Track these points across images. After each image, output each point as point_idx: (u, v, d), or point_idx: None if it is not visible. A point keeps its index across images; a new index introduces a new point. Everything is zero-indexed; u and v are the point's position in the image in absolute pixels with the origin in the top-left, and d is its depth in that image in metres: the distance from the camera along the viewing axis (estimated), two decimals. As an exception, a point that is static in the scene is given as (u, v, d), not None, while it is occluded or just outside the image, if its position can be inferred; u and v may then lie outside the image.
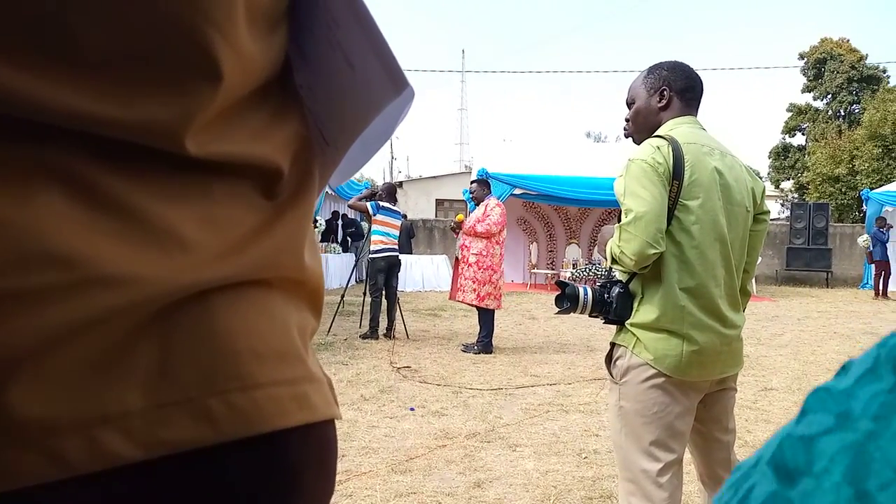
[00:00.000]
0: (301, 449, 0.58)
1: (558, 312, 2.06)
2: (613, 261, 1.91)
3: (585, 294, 1.98)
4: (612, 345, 1.98)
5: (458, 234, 7.00)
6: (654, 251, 1.81)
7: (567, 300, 2.01)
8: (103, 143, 0.48)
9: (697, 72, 2.07)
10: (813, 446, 0.19)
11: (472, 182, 7.34)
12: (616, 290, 1.94)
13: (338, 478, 3.14)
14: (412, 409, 4.60)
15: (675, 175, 1.85)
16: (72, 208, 0.47)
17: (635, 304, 1.91)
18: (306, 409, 0.58)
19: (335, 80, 0.62)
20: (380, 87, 0.63)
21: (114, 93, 0.48)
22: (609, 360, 1.99)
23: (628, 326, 1.92)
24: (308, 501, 0.59)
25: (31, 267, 0.45)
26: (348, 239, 15.58)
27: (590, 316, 1.99)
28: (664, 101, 2.02)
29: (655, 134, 1.96)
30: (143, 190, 0.51)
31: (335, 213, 15.53)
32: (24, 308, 0.45)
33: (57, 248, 0.46)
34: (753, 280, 2.11)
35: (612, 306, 1.94)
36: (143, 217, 0.50)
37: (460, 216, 7.07)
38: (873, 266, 14.60)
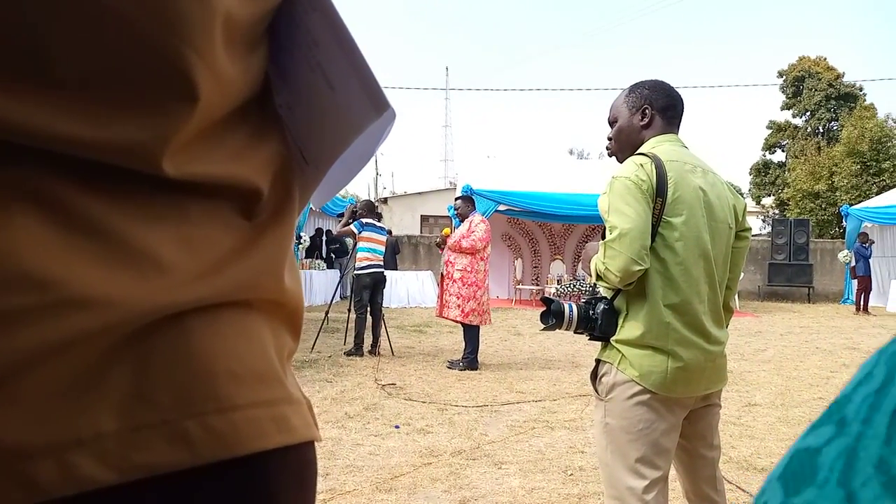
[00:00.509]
0: (280, 471, 0.57)
1: (544, 329, 2.06)
2: (598, 277, 1.92)
3: (571, 311, 1.99)
4: (598, 361, 1.98)
5: (443, 249, 7.00)
6: (638, 268, 1.82)
7: (553, 317, 2.01)
8: (79, 164, 0.48)
9: (678, 89, 2.10)
10: (817, 457, 0.20)
11: (456, 198, 7.36)
12: (601, 306, 1.95)
13: (322, 497, 3.10)
14: (397, 427, 4.57)
15: (659, 192, 1.86)
16: (46, 229, 0.47)
17: (620, 321, 1.92)
18: (285, 432, 0.57)
19: (315, 101, 0.62)
20: (360, 108, 0.63)
21: (90, 114, 0.47)
22: (594, 376, 1.99)
23: (613, 343, 1.92)
24: None
25: (4, 288, 0.45)
26: (332, 255, 15.53)
27: (575, 332, 2.00)
28: (646, 120, 2.04)
29: (638, 152, 1.97)
30: (119, 211, 0.50)
31: (319, 230, 15.47)
32: None
33: (31, 269, 0.45)
34: (736, 296, 2.12)
35: (598, 322, 1.94)
36: (120, 238, 0.50)
37: (447, 230, 7.08)
38: (856, 281, 14.76)
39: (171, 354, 0.51)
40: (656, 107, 2.04)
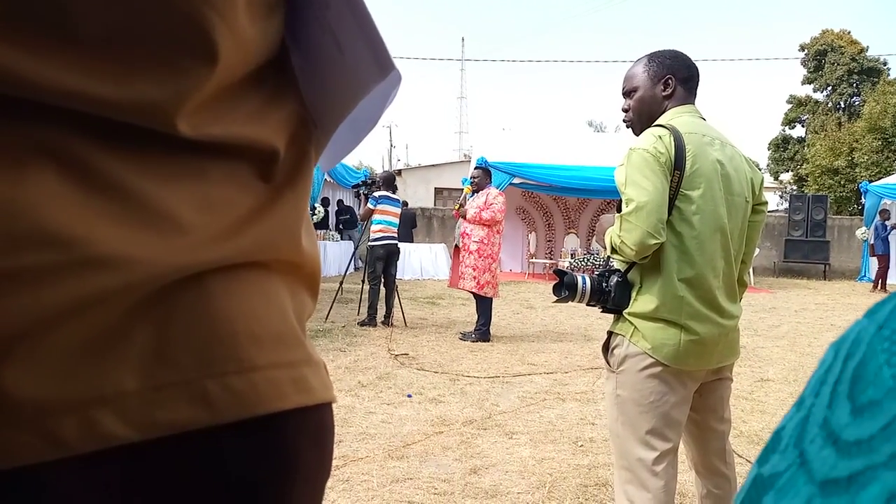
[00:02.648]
0: (298, 431, 0.58)
1: (556, 301, 2.06)
2: (613, 250, 1.91)
3: (584, 283, 1.99)
4: (610, 334, 1.99)
5: (458, 214, 6.98)
6: (654, 241, 1.81)
7: (565, 289, 2.01)
8: (97, 122, 0.48)
9: (697, 62, 2.07)
10: (782, 432, 0.24)
11: (475, 168, 7.34)
12: (614, 279, 1.95)
13: (335, 463, 3.16)
14: (409, 396, 4.62)
15: (677, 165, 1.84)
16: (66, 188, 0.47)
17: (634, 294, 1.92)
18: (304, 392, 0.58)
19: (324, 63, 0.62)
20: (366, 70, 0.63)
21: (106, 71, 0.47)
22: (606, 348, 2.00)
23: (626, 315, 1.92)
24: (304, 484, 0.60)
25: (25, 247, 0.45)
26: (341, 226, 15.41)
27: (588, 305, 2.00)
28: (669, 90, 2.00)
29: (657, 123, 1.95)
30: (138, 171, 0.50)
31: (325, 200, 15.26)
32: (18, 288, 0.45)
33: (51, 228, 0.46)
34: (751, 270, 2.11)
35: (611, 295, 1.94)
36: (139, 198, 0.50)
37: (468, 188, 7.03)
38: (875, 259, 14.60)
39: (191, 315, 0.52)
40: (678, 77, 2.00)
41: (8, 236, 0.45)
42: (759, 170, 2.11)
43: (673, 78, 2.00)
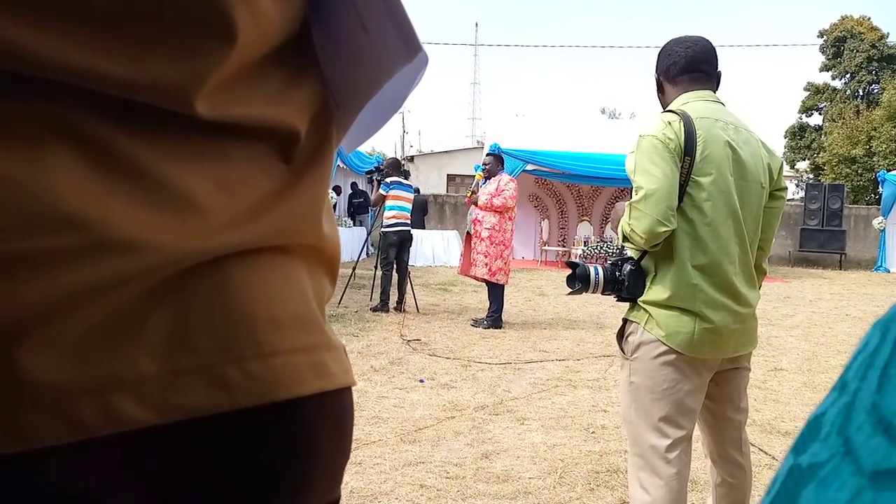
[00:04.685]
0: (318, 416, 0.58)
1: (570, 293, 2.06)
2: (625, 238, 1.90)
3: (597, 273, 1.98)
4: (625, 321, 1.98)
5: (470, 201, 6.97)
6: (664, 229, 1.80)
7: (578, 281, 2.00)
8: (114, 103, 0.48)
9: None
10: (822, 419, 0.22)
11: (487, 155, 7.31)
12: (627, 267, 1.94)
13: (347, 447, 3.17)
14: (421, 381, 4.64)
15: (687, 151, 1.83)
16: (83, 169, 0.46)
17: (648, 282, 1.91)
18: (323, 377, 0.58)
19: (348, 42, 0.61)
20: (393, 51, 0.62)
21: (123, 50, 0.47)
22: (621, 336, 1.99)
23: (641, 303, 1.92)
24: (324, 468, 0.60)
25: (42, 229, 0.45)
26: (352, 209, 15.38)
27: (602, 294, 2.00)
28: (664, 94, 2.06)
29: (667, 109, 1.94)
30: (156, 152, 0.50)
31: (337, 188, 15.21)
32: (34, 272, 0.45)
33: (68, 210, 0.45)
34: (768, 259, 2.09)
35: (624, 284, 1.93)
36: (157, 180, 0.49)
37: (479, 175, 7.01)
38: None
39: (211, 299, 0.52)
40: (660, 72, 2.05)
41: (24, 218, 0.44)
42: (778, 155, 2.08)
43: (662, 78, 2.05)
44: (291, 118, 0.57)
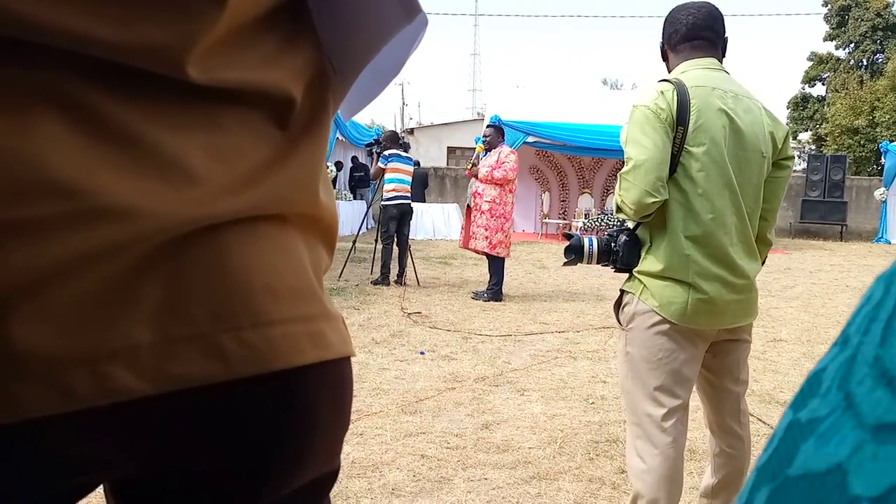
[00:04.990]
0: (317, 386, 0.58)
1: (565, 263, 2.08)
2: (618, 209, 1.91)
3: (590, 244, 1.99)
4: (622, 291, 1.99)
5: (470, 174, 6.93)
6: (653, 200, 1.79)
7: (572, 252, 2.02)
8: (104, 67, 0.47)
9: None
10: (822, 374, 0.22)
11: (487, 126, 7.26)
12: (622, 238, 1.94)
13: (349, 418, 3.20)
14: (422, 353, 4.66)
15: (680, 121, 1.81)
16: (72, 136, 0.46)
17: (643, 252, 1.91)
18: (321, 347, 0.57)
19: (345, 5, 0.60)
20: (390, 13, 0.60)
21: (112, 13, 0.46)
22: (618, 306, 2.00)
23: (636, 274, 1.92)
24: (323, 438, 0.60)
25: (30, 197, 0.44)
26: (353, 183, 15.29)
27: (598, 264, 2.01)
28: (668, 62, 2.03)
29: (663, 78, 1.92)
30: (147, 118, 0.49)
31: (338, 164, 15.14)
32: (23, 240, 0.44)
33: (56, 177, 0.44)
34: (773, 229, 2.07)
35: (619, 254, 1.94)
36: (148, 146, 0.48)
37: (480, 147, 6.97)
38: None
39: (206, 268, 0.51)
40: (664, 39, 2.03)
41: (12, 186, 0.44)
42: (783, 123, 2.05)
43: (665, 45, 2.02)
44: (286, 83, 0.56)
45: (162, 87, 0.49)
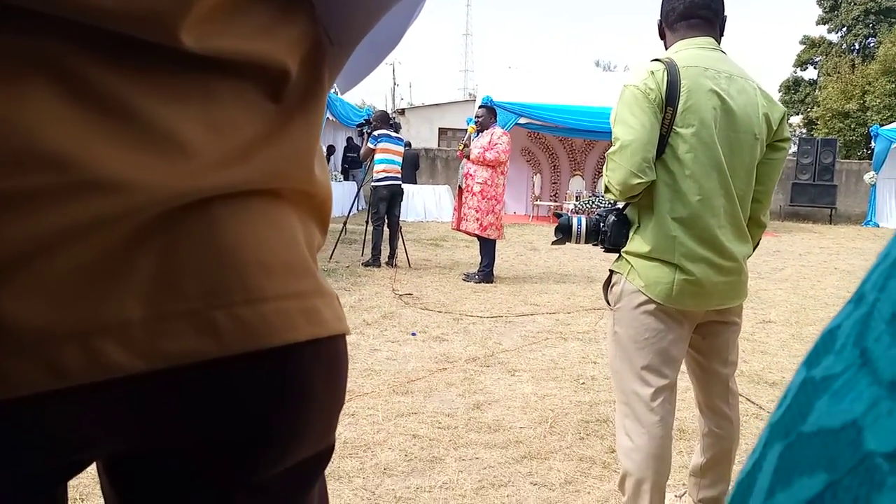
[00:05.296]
0: (311, 362, 0.57)
1: (553, 243, 2.09)
2: (606, 190, 1.91)
3: (579, 224, 2.00)
4: (611, 272, 1.99)
5: (462, 155, 6.91)
6: (638, 181, 1.79)
7: (559, 231, 2.03)
8: (96, 36, 0.46)
9: None
10: (837, 331, 0.21)
11: (479, 107, 7.22)
12: (611, 218, 1.94)
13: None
14: (413, 334, 4.67)
15: (669, 101, 1.80)
16: (65, 107, 0.45)
17: (631, 233, 1.91)
18: (316, 324, 0.57)
19: None
20: None
21: None
22: (607, 286, 2.01)
23: (623, 254, 1.93)
24: (318, 415, 0.60)
25: (21, 168, 0.43)
26: (346, 165, 15.26)
27: (587, 244, 2.02)
28: (665, 40, 2.02)
29: (655, 57, 1.91)
30: (139, 88, 0.48)
31: (331, 147, 15.01)
32: (13, 211, 0.43)
33: (47, 148, 0.44)
34: (768, 211, 2.06)
35: (607, 234, 1.94)
36: (140, 117, 0.48)
37: (472, 127, 6.94)
38: None
39: (198, 242, 0.50)
40: (662, 17, 2.01)
41: (3, 157, 0.43)
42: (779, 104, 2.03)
43: (663, 23, 2.01)
44: (281, 55, 0.55)
45: (155, 57, 0.49)
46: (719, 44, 1.95)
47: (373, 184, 7.50)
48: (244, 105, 0.54)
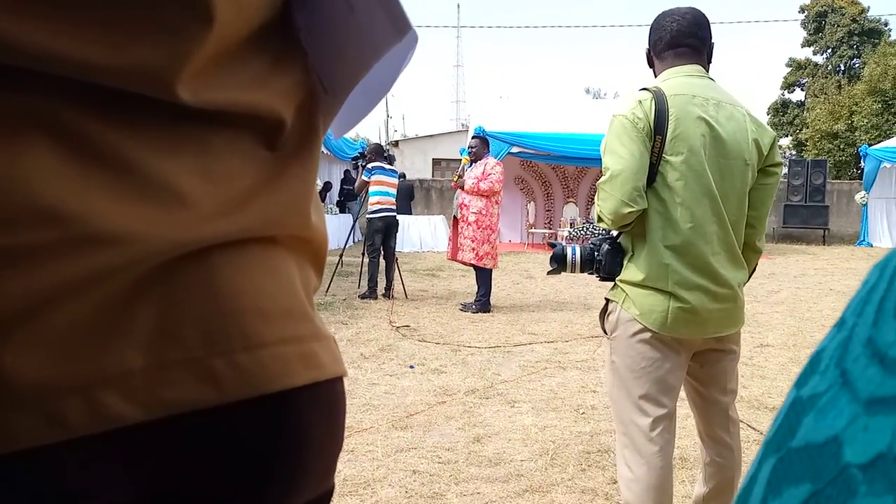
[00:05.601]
0: (309, 407, 0.57)
1: (549, 273, 2.09)
2: (599, 219, 1.92)
3: (573, 254, 2.01)
4: (607, 300, 2.00)
5: (456, 185, 6.95)
6: (629, 210, 1.80)
7: (554, 261, 2.04)
8: (92, 91, 0.46)
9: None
10: (822, 354, 0.23)
11: (472, 137, 7.29)
12: (605, 246, 1.95)
13: (339, 435, 3.18)
14: (412, 367, 4.65)
15: (657, 130, 1.81)
16: (61, 161, 0.45)
17: (625, 261, 1.92)
18: (314, 368, 0.57)
19: (334, 23, 0.60)
20: (380, 30, 0.60)
21: (98, 36, 0.45)
22: (603, 315, 2.01)
23: (618, 282, 1.93)
24: (317, 459, 0.59)
25: (21, 224, 0.44)
26: (342, 198, 15.33)
27: (582, 273, 2.02)
28: (654, 68, 2.03)
29: (642, 87, 1.93)
30: (136, 141, 0.48)
31: (327, 184, 15.12)
32: (14, 268, 0.44)
33: (46, 204, 0.44)
34: (763, 237, 2.06)
35: (601, 263, 1.95)
36: (138, 170, 0.48)
37: (466, 158, 6.98)
38: None
39: (197, 291, 0.51)
40: (650, 46, 2.03)
41: (3, 213, 0.43)
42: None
43: (650, 52, 2.03)
44: (276, 104, 0.56)
45: (152, 111, 0.49)
46: (707, 71, 1.98)
47: (367, 216, 7.52)
48: (240, 154, 0.54)
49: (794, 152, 31.58)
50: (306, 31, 0.59)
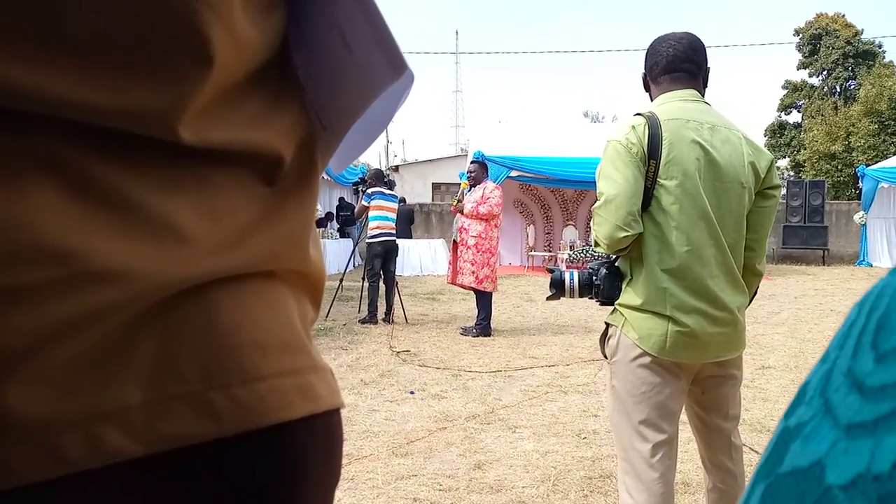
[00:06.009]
0: (306, 439, 0.57)
1: (549, 298, 2.09)
2: (596, 243, 1.93)
3: (571, 279, 2.01)
4: (606, 324, 1.99)
5: (456, 210, 6.97)
6: (624, 234, 1.81)
7: (552, 286, 2.04)
8: (93, 132, 0.47)
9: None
10: (807, 386, 0.25)
11: (471, 162, 7.33)
12: (603, 271, 1.96)
13: (339, 462, 3.15)
14: (412, 393, 4.62)
15: (651, 155, 1.83)
16: (63, 201, 0.46)
17: (624, 285, 1.92)
18: (311, 400, 0.57)
19: (332, 62, 0.61)
20: (378, 70, 0.61)
21: (100, 78, 0.46)
22: (603, 339, 2.01)
23: (618, 307, 1.93)
24: (314, 492, 0.59)
25: (23, 263, 0.44)
26: (339, 224, 15.40)
27: (581, 298, 2.03)
28: (650, 92, 2.05)
29: (636, 113, 1.95)
30: (137, 180, 0.49)
31: (329, 214, 15.26)
32: (17, 305, 0.44)
33: (49, 242, 0.45)
34: (764, 260, 2.07)
35: (600, 288, 1.95)
36: (139, 208, 0.49)
37: (465, 183, 7.02)
38: None
39: (196, 326, 0.51)
40: (646, 70, 2.05)
41: (6, 252, 0.44)
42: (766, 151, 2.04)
43: (647, 77, 2.05)
44: (274, 142, 0.57)
45: (153, 150, 0.50)
46: (703, 95, 1.99)
47: (367, 240, 7.54)
48: (239, 191, 0.55)
49: (792, 173, 31.72)
50: (304, 71, 0.60)
